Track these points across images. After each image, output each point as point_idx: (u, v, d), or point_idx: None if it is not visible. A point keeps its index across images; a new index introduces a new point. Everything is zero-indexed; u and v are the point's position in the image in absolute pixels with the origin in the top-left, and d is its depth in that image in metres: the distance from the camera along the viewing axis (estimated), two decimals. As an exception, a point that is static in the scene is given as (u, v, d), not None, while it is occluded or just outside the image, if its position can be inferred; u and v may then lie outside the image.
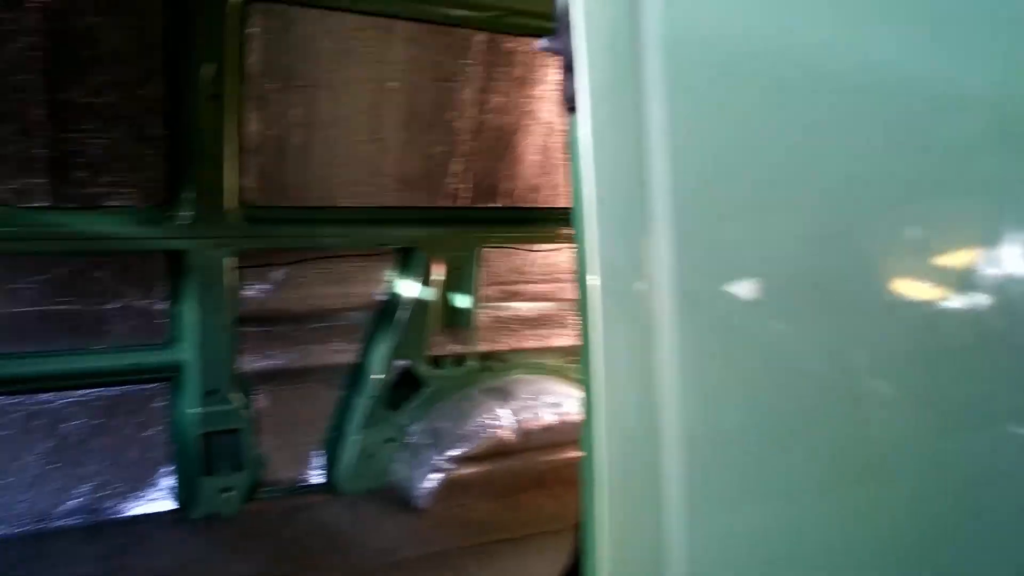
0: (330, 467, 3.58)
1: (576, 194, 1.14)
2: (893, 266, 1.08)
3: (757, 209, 1.06)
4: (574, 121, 1.12)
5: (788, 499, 1.09)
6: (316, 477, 3.60)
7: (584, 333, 1.16)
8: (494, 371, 3.78)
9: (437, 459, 3.51)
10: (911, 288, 1.09)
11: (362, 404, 3.53)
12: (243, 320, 3.32)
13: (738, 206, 1.05)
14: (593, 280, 1.10)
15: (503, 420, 3.57)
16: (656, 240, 1.05)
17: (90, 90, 2.86)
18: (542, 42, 1.21)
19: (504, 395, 3.64)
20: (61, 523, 3.18)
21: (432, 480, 3.49)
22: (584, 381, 1.18)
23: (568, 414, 3.68)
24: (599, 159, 1.09)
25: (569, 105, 1.16)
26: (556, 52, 1.18)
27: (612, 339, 1.10)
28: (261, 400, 3.45)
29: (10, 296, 3.00)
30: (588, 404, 1.17)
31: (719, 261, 1.06)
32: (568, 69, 1.15)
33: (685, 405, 1.07)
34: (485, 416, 3.56)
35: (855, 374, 1.08)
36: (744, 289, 1.08)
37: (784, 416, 1.07)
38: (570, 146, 1.16)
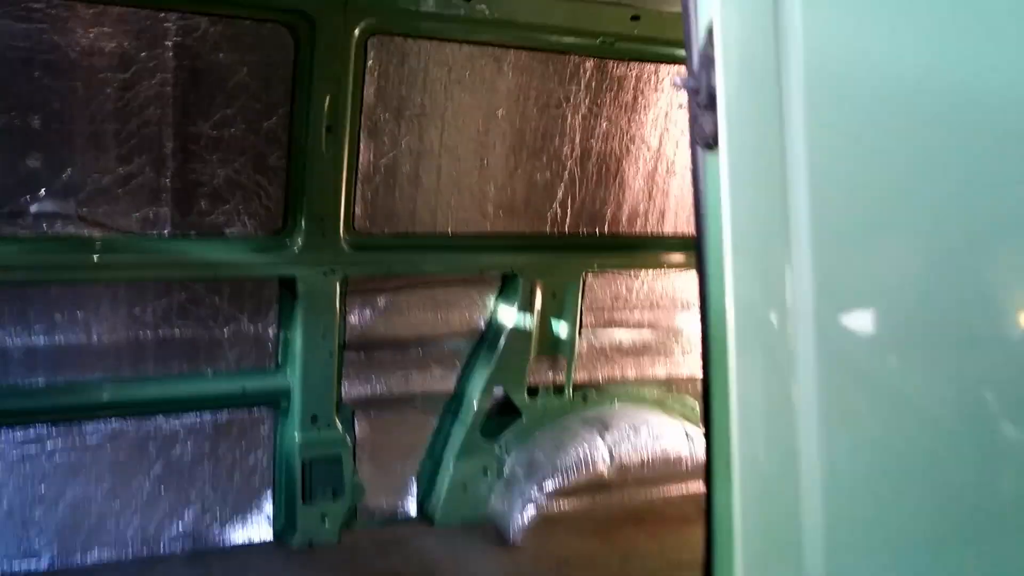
0: (425, 497, 3.53)
1: (707, 227, 1.13)
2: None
3: (898, 244, 1.04)
4: (712, 157, 1.11)
5: (932, 547, 1.03)
6: (411, 506, 3.55)
7: (710, 367, 1.14)
8: (592, 401, 3.70)
9: (533, 492, 3.42)
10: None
11: (459, 432, 3.48)
12: (347, 346, 3.34)
13: (878, 240, 1.04)
14: (728, 314, 1.09)
15: (601, 453, 3.47)
16: (795, 274, 1.04)
17: (217, 123, 2.95)
18: (678, 80, 1.19)
19: (602, 426, 3.54)
20: (166, 549, 3.22)
21: (527, 514, 3.40)
22: (711, 417, 1.15)
23: (667, 448, 3.56)
24: (738, 195, 1.08)
25: (706, 142, 1.14)
26: (693, 90, 1.16)
27: (746, 375, 1.08)
28: (361, 426, 3.45)
29: (131, 321, 3.09)
30: (716, 441, 1.13)
31: (859, 296, 1.04)
32: (706, 106, 1.13)
33: (824, 445, 1.02)
34: (582, 448, 3.47)
35: (995, 415, 1.02)
36: (884, 324, 1.05)
37: (928, 457, 1.02)
38: (703, 181, 1.15)
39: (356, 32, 2.90)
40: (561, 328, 3.59)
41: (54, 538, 3.05)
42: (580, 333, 3.64)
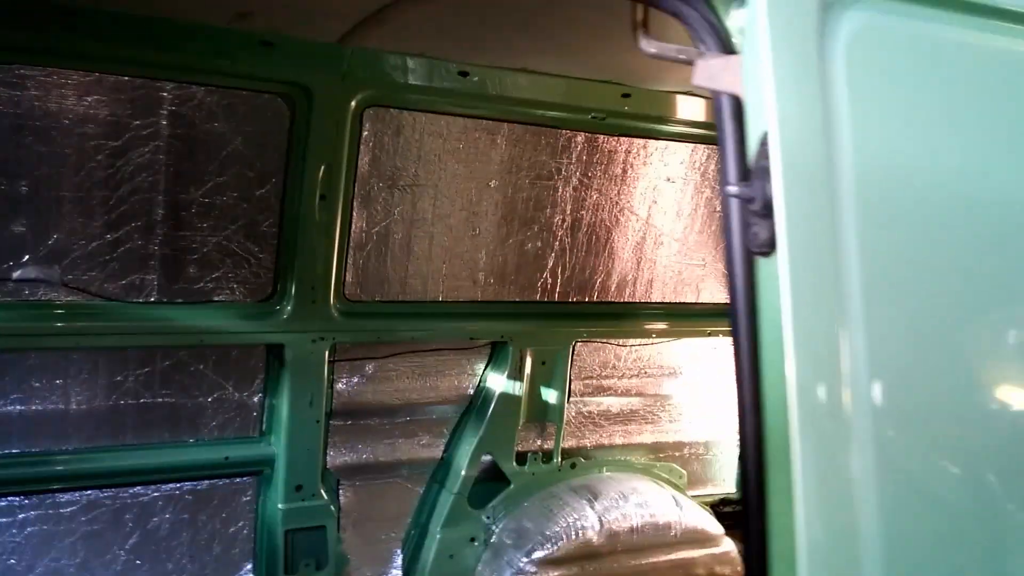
0: (411, 566, 3.46)
1: (762, 324, 1.18)
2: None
3: (947, 327, 1.13)
4: (767, 262, 1.15)
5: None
6: (396, 576, 3.49)
7: (765, 445, 1.19)
8: (581, 468, 3.68)
9: (522, 561, 3.38)
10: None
11: (446, 500, 3.44)
12: (333, 413, 3.29)
13: (929, 324, 1.13)
14: (791, 406, 1.13)
15: (590, 521, 3.44)
16: (852, 357, 1.10)
17: (209, 191, 2.93)
18: (733, 188, 1.22)
19: (591, 494, 3.52)
20: (140, 623, 3.10)
21: (516, 584, 3.35)
22: (766, 497, 1.18)
23: (656, 515, 3.55)
24: (799, 295, 1.12)
25: (762, 250, 1.18)
26: (747, 199, 1.19)
27: (809, 452, 1.12)
28: (346, 495, 3.38)
29: (113, 389, 3.01)
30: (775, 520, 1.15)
31: (912, 373, 1.12)
32: (761, 215, 1.16)
33: (885, 515, 1.08)
34: (571, 516, 3.44)
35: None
36: (937, 398, 1.13)
37: (991, 526, 1.09)
38: (757, 283, 1.19)
39: (352, 104, 2.92)
40: (550, 395, 3.59)
41: (22, 614, 2.93)
42: (569, 400, 3.64)
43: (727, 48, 1.15)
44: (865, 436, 1.09)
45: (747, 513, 1.20)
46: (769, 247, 1.15)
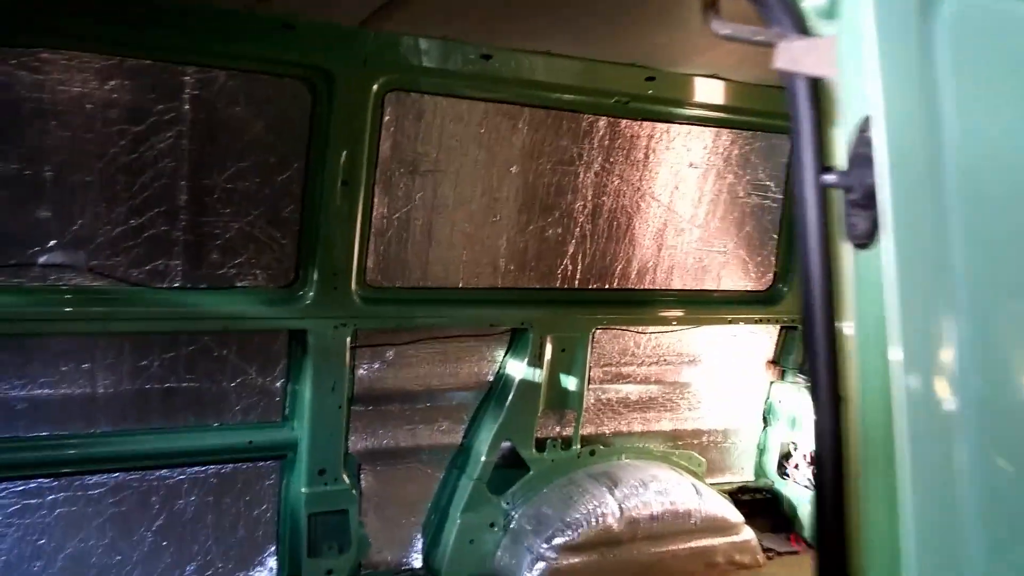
0: (431, 550, 3.49)
1: (861, 318, 1.14)
2: None
3: None
4: (868, 255, 1.11)
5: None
6: (416, 560, 3.51)
7: (866, 443, 1.14)
8: (600, 455, 3.68)
9: (541, 547, 3.40)
10: None
11: (466, 486, 3.45)
12: (354, 399, 3.31)
13: None
14: (898, 400, 1.09)
15: (609, 508, 3.45)
16: (957, 353, 1.07)
17: (231, 176, 2.94)
18: (830, 177, 1.16)
19: (611, 482, 3.53)
20: (167, 603, 3.15)
21: (536, 568, 3.37)
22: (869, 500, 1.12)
23: (676, 503, 3.55)
24: (906, 287, 1.09)
25: (861, 241, 1.13)
26: (846, 188, 1.14)
27: (918, 451, 1.08)
28: (366, 479, 3.41)
29: (139, 374, 3.04)
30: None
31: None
32: (861, 204, 1.11)
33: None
34: (591, 503, 3.45)
35: None
36: None
37: None
38: (856, 276, 1.14)
39: (374, 88, 2.91)
40: (570, 382, 3.58)
41: (52, 593, 2.99)
42: (587, 387, 3.64)
43: (803, 29, 1.11)
44: (972, 433, 1.06)
45: (822, 519, 1.15)
46: (869, 238, 1.11)
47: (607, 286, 3.58)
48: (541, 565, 3.36)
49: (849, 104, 1.10)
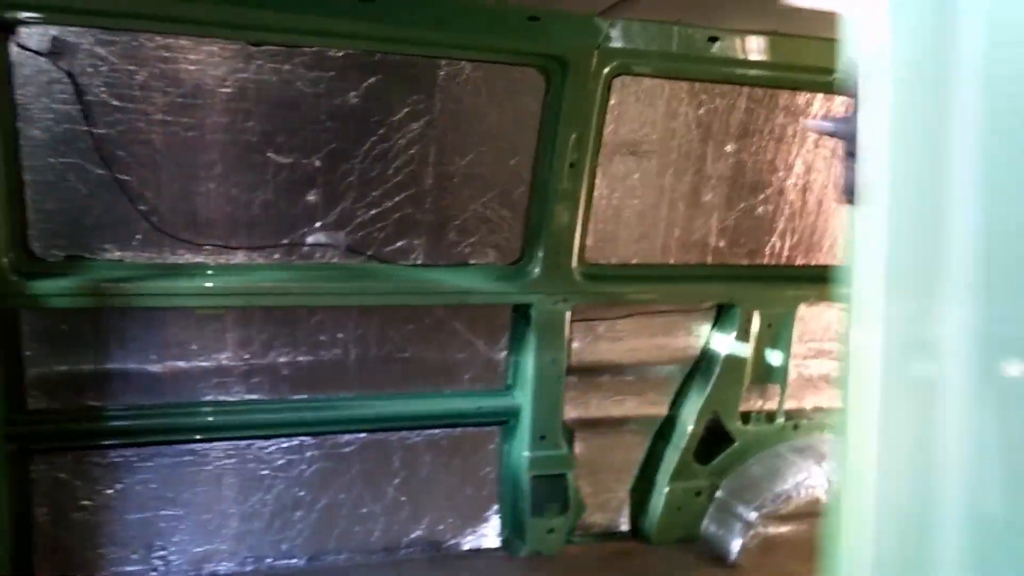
0: (639, 516, 3.66)
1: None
2: None
3: None
4: (855, 214, 0.95)
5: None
6: (625, 524, 3.69)
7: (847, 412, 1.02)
8: (802, 429, 3.74)
9: (750, 515, 3.49)
10: None
11: (672, 456, 3.59)
12: (569, 370, 3.51)
13: None
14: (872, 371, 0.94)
15: (817, 480, 3.50)
16: (951, 326, 0.86)
17: (471, 161, 3.18)
18: (813, 123, 1.00)
19: (817, 455, 3.57)
20: (404, 552, 3.46)
21: (744, 537, 3.47)
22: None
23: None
24: (894, 254, 0.92)
25: (848, 196, 0.97)
26: (838, 135, 0.99)
27: (893, 420, 0.92)
28: (578, 446, 3.61)
29: (381, 343, 3.35)
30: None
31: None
32: (852, 155, 0.95)
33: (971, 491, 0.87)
34: (799, 475, 3.51)
35: None
36: None
37: None
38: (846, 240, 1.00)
39: (604, 72, 3.06)
40: (774, 357, 3.65)
41: (311, 537, 3.35)
42: (792, 362, 3.69)
43: None
44: (971, 415, 0.87)
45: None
46: (853, 194, 0.93)
47: (814, 262, 3.62)
48: (751, 533, 3.46)
49: (853, 38, 0.94)
